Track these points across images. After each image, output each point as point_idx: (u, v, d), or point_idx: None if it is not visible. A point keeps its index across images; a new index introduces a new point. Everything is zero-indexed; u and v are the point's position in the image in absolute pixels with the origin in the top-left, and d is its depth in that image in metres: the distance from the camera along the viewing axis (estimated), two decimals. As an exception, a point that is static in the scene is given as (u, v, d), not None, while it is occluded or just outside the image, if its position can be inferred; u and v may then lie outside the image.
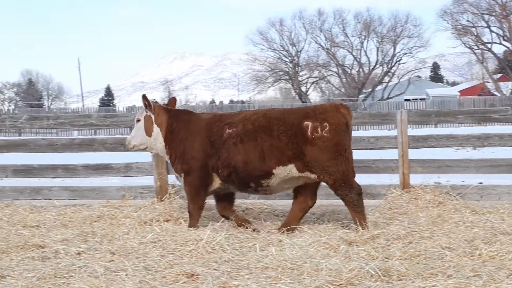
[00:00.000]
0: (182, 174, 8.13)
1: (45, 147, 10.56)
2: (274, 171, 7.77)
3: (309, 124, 7.67)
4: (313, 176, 7.78)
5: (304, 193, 8.05)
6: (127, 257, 6.57)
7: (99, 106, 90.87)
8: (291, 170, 7.76)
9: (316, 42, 77.50)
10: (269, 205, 9.38)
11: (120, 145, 10.18)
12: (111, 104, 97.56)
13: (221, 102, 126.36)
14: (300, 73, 78.75)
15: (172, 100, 8.76)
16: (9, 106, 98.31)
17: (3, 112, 68.73)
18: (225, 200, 8.37)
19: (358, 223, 7.69)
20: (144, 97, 8.29)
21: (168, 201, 9.63)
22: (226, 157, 7.85)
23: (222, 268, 6.15)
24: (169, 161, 8.41)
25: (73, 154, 10.62)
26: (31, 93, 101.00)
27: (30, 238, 7.45)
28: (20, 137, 28.53)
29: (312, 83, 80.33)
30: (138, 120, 8.36)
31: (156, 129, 8.24)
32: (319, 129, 7.64)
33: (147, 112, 8.28)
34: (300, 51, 78.12)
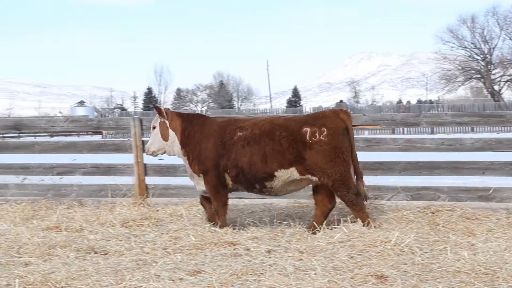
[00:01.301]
0: (201, 175, 8.56)
1: (236, 147, 10.84)
2: (276, 173, 8.22)
3: (308, 129, 8.14)
4: (314, 178, 8.18)
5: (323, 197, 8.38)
6: (315, 257, 6.62)
7: (286, 107, 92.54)
8: (292, 173, 8.20)
9: (511, 39, 74.11)
10: (460, 208, 9.06)
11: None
12: (298, 105, 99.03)
13: (408, 102, 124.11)
14: (493, 72, 75.61)
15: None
16: (202, 107, 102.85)
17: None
18: None
19: (361, 222, 7.94)
20: (155, 106, 8.90)
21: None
22: (234, 158, 8.35)
23: (412, 270, 6.02)
24: (186, 163, 8.77)
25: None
26: (222, 95, 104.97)
27: (223, 235, 7.71)
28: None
29: (506, 81, 76.82)
30: (154, 127, 8.87)
31: (171, 133, 8.75)
32: (317, 133, 8.11)
33: (161, 119, 8.79)
34: (493, 48, 75.14)
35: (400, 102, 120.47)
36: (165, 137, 8.77)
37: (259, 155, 8.21)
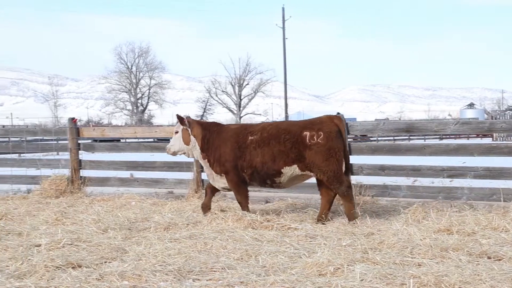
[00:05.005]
0: (223, 174, 9.96)
1: None
2: (282, 170, 9.66)
3: (307, 133, 9.55)
4: (312, 174, 9.68)
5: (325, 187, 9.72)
6: None
7: None
8: (295, 169, 9.65)
9: None
10: None
11: None
12: None
13: None
14: None
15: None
16: None
17: None
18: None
19: (345, 210, 9.58)
20: (178, 116, 10.24)
21: None
22: (249, 159, 9.74)
23: None
24: (203, 164, 10.28)
25: None
26: None
27: None
28: None
29: None
30: (176, 132, 10.28)
31: (193, 139, 10.17)
32: (315, 137, 9.50)
33: (183, 126, 10.19)
34: None
35: None
36: (186, 142, 10.20)
37: (269, 155, 9.61)
